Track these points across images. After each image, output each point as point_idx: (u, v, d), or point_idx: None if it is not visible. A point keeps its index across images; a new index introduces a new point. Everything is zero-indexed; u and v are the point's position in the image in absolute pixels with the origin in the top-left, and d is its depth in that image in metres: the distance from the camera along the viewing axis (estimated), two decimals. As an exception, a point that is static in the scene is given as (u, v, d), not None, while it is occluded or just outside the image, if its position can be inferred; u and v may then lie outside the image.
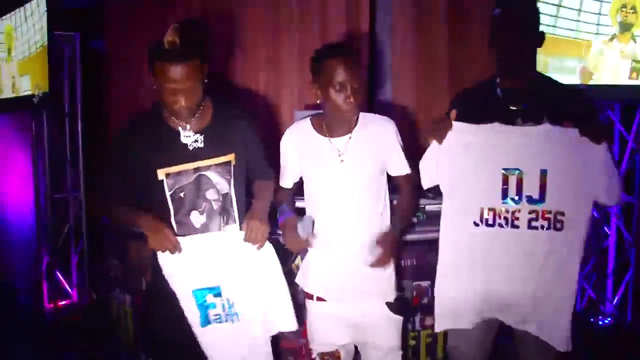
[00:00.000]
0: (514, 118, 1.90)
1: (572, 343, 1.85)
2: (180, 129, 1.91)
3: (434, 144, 1.90)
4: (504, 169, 1.85)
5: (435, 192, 1.99)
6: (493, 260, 1.88)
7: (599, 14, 3.17)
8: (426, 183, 1.95)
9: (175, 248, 1.81)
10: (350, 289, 1.99)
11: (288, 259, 2.22)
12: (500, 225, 1.86)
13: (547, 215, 1.82)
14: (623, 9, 3.14)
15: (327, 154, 1.98)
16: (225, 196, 1.93)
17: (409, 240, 2.44)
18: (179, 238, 1.84)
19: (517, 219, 1.84)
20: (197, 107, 1.90)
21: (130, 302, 3.10)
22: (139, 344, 3.04)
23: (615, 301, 3.61)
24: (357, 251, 1.96)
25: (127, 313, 3.13)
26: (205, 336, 1.94)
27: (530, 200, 1.84)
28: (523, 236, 1.85)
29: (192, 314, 1.91)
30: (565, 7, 3.20)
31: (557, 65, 3.24)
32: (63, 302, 4.39)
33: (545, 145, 1.83)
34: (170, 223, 1.90)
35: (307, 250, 2.07)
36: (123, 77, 4.37)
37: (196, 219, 1.92)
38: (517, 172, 1.84)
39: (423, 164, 1.93)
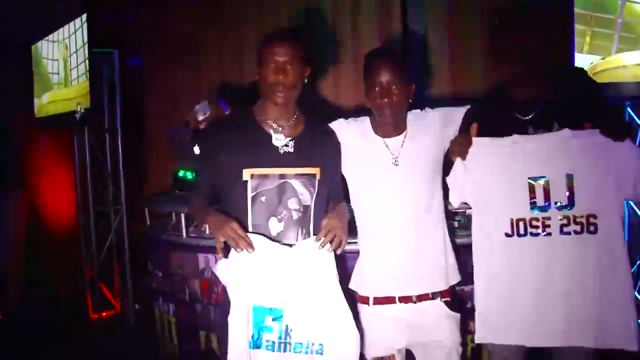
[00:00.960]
0: (525, 128, 1.91)
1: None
2: (272, 132, 1.93)
3: (458, 161, 1.93)
4: (529, 177, 1.85)
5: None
6: (529, 268, 1.86)
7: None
8: (454, 201, 1.98)
9: (243, 240, 1.76)
10: (410, 278, 1.98)
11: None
12: (532, 234, 1.85)
13: (578, 220, 1.81)
14: None
15: (380, 155, 2.01)
16: (307, 208, 1.90)
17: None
18: (250, 235, 1.80)
19: (549, 226, 1.84)
20: (293, 111, 1.96)
21: (173, 311, 3.15)
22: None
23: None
24: (410, 246, 1.97)
25: (170, 323, 3.18)
26: (248, 358, 1.80)
27: (559, 206, 1.83)
28: (556, 242, 1.83)
29: (242, 330, 1.79)
30: None
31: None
32: (107, 313, 4.50)
33: (567, 149, 1.82)
34: (247, 226, 1.87)
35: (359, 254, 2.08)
36: (161, 93, 4.50)
37: (274, 226, 1.88)
38: (543, 179, 1.84)
39: (450, 182, 1.95)
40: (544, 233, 1.85)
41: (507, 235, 1.88)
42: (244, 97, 2.07)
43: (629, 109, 3.51)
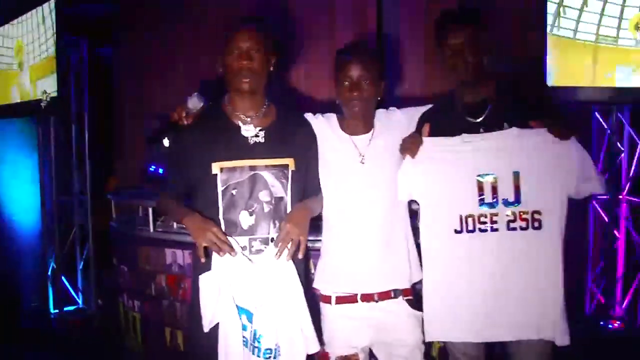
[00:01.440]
0: (476, 130, 1.94)
1: (568, 336, 1.87)
2: (240, 123, 1.91)
3: (407, 158, 1.95)
4: (478, 175, 1.89)
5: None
6: (478, 264, 1.90)
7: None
8: (403, 197, 1.99)
9: (226, 245, 1.77)
10: (373, 276, 1.99)
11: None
12: (481, 230, 1.89)
13: (524, 216, 1.86)
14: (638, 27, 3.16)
15: (348, 152, 2.01)
16: (279, 201, 1.89)
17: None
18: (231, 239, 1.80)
19: (496, 222, 1.88)
20: (261, 101, 1.95)
21: (138, 307, 3.10)
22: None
23: (624, 305, 3.60)
24: (374, 243, 1.98)
25: (135, 318, 3.12)
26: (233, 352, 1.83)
27: (506, 202, 1.88)
28: (504, 238, 1.88)
29: (230, 331, 1.81)
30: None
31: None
32: (69, 308, 4.39)
33: (515, 147, 1.87)
34: (218, 221, 1.85)
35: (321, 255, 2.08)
36: (130, 84, 4.41)
37: (245, 219, 1.87)
38: (491, 176, 1.88)
39: (399, 178, 1.97)
40: (492, 229, 1.88)
41: (456, 231, 1.91)
42: (218, 91, 2.03)
43: (596, 113, 3.60)
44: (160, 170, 3.50)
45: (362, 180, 1.98)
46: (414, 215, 2.06)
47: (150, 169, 3.47)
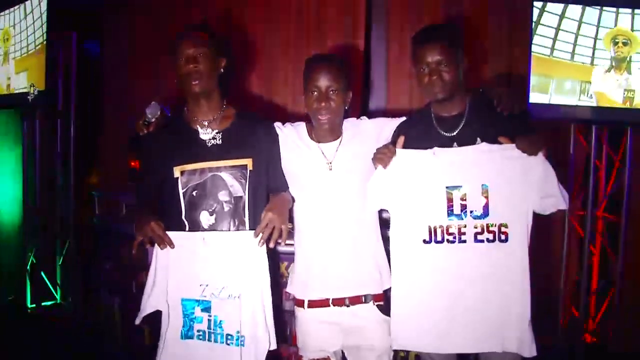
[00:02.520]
0: (449, 144, 2.00)
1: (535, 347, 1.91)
2: (199, 127, 1.97)
3: (379, 169, 2.00)
4: (447, 187, 1.95)
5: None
6: (445, 275, 1.94)
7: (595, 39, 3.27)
8: (373, 206, 2.04)
9: (160, 238, 1.84)
10: (343, 281, 2.03)
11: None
12: (449, 241, 1.94)
13: (491, 228, 1.92)
14: (616, 42, 3.25)
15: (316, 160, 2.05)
16: (239, 200, 1.95)
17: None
18: (172, 233, 1.87)
19: (464, 234, 1.93)
20: (219, 105, 2.01)
21: (118, 304, 3.09)
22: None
23: (597, 319, 3.68)
24: (344, 249, 2.03)
25: (115, 315, 3.12)
26: (181, 349, 1.89)
27: (474, 215, 1.93)
28: (471, 250, 1.93)
29: (174, 323, 1.89)
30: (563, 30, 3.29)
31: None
32: (46, 303, 4.35)
33: (483, 162, 1.93)
34: (182, 221, 1.92)
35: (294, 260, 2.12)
36: (117, 78, 4.40)
37: (205, 219, 1.94)
38: (459, 189, 1.94)
39: (370, 188, 2.01)
40: (460, 240, 1.93)
41: (424, 241, 1.96)
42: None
43: (575, 131, 3.68)
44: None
45: (329, 187, 2.03)
46: (386, 224, 2.10)
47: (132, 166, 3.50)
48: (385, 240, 2.12)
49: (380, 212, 2.14)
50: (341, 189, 2.03)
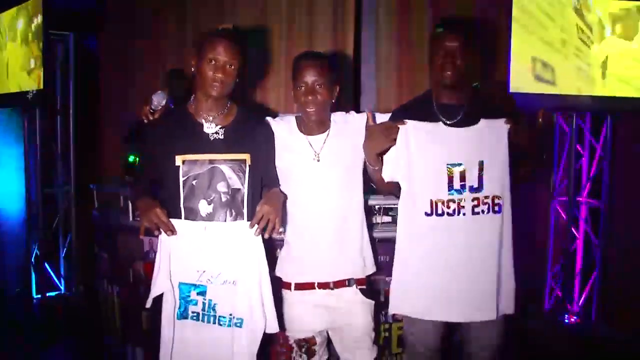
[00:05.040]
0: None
1: (518, 306, 2.10)
2: (203, 121, 2.08)
3: (397, 141, 2.08)
4: (448, 164, 2.07)
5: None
6: (445, 246, 2.06)
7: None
8: (386, 175, 2.13)
9: (164, 224, 1.94)
10: (329, 267, 2.15)
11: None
12: (449, 214, 2.06)
13: (486, 201, 2.06)
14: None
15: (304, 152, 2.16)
16: (237, 192, 2.06)
17: (383, 238, 2.60)
18: (175, 221, 1.97)
19: (463, 207, 2.06)
20: (224, 103, 2.10)
21: (117, 293, 3.21)
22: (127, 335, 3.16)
23: (581, 301, 3.80)
24: (330, 237, 2.13)
25: (114, 304, 3.24)
26: (178, 329, 2.01)
27: (472, 189, 2.06)
28: (469, 222, 2.06)
29: (170, 304, 2.01)
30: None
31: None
32: (51, 293, 4.51)
33: (481, 138, 2.06)
34: (180, 208, 2.03)
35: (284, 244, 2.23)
36: (115, 76, 4.52)
37: (203, 207, 2.05)
38: (460, 166, 2.06)
39: (385, 158, 2.11)
40: (459, 213, 2.06)
41: (426, 214, 2.06)
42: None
43: (559, 119, 3.79)
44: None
45: (317, 177, 2.13)
46: (371, 212, 2.20)
47: (130, 159, 3.60)
48: (370, 227, 2.25)
49: (366, 200, 2.26)
50: (328, 179, 2.13)
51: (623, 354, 3.32)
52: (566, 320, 3.74)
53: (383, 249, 2.62)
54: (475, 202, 2.05)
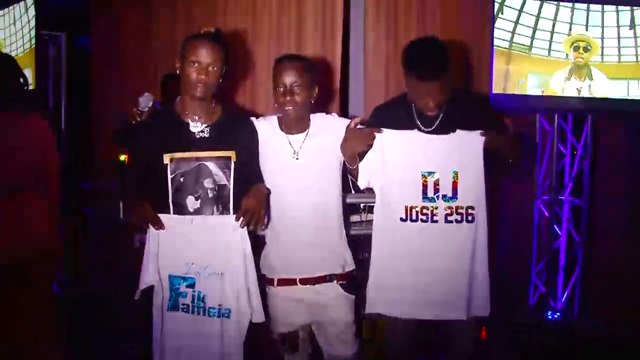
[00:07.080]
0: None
1: (491, 307, 2.18)
2: (189, 121, 2.16)
3: (373, 148, 2.15)
4: (422, 172, 2.15)
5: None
6: (418, 250, 2.14)
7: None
8: (363, 183, 2.21)
9: (152, 219, 2.03)
10: (309, 263, 2.22)
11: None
12: (422, 221, 2.14)
13: (460, 211, 2.14)
14: (577, 48, 3.41)
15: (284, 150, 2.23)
16: (223, 188, 2.14)
17: (364, 235, 2.65)
18: (163, 215, 2.05)
19: (436, 215, 2.14)
20: (209, 103, 2.17)
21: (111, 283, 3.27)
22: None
23: (564, 297, 3.88)
24: (309, 234, 2.21)
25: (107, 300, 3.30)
26: (168, 320, 2.08)
27: (445, 198, 2.14)
28: (441, 229, 2.14)
29: (160, 296, 2.08)
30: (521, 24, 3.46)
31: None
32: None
33: (456, 148, 2.14)
34: (168, 204, 2.11)
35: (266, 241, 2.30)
36: (108, 76, 4.55)
37: (191, 203, 2.12)
38: (434, 174, 2.14)
39: (361, 165, 2.18)
40: (432, 220, 2.14)
41: (401, 219, 2.15)
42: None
43: (540, 119, 3.87)
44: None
45: (295, 175, 2.20)
46: (352, 210, 2.26)
47: (122, 158, 3.65)
48: (348, 226, 2.32)
49: (344, 198, 2.33)
50: (306, 177, 2.20)
51: (605, 347, 3.39)
52: (549, 317, 3.81)
53: (368, 246, 2.69)
54: (449, 211, 2.13)
